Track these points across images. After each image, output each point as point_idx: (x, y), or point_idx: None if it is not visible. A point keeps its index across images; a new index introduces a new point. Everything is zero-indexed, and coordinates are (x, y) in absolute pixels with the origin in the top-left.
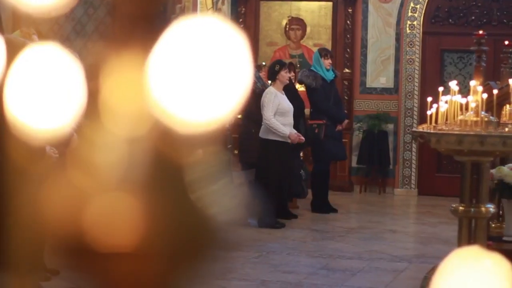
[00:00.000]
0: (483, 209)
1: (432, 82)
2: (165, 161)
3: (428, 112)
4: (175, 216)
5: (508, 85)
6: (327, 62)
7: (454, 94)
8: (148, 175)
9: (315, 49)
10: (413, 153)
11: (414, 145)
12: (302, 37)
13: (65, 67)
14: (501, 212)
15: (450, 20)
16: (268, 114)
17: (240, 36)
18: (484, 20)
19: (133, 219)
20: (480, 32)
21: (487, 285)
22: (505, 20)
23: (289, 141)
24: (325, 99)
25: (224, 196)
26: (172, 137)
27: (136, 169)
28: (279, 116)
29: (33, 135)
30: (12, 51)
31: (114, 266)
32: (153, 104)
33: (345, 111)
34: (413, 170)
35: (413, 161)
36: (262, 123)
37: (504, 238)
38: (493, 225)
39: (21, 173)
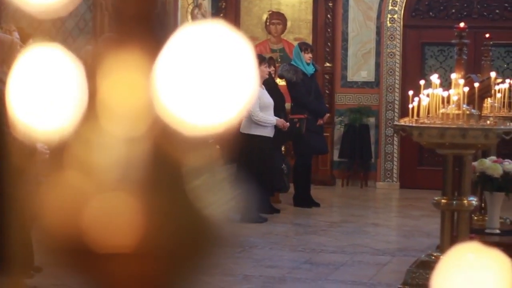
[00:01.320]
0: (465, 202)
1: (413, 76)
2: (163, 161)
3: (410, 106)
4: (174, 216)
5: (489, 77)
6: (307, 56)
7: (436, 88)
8: (147, 175)
9: (295, 43)
10: (395, 147)
11: (395, 139)
12: (282, 31)
13: (65, 68)
14: (483, 204)
15: (431, 13)
16: (255, 108)
17: (245, 41)
18: (465, 13)
19: (132, 219)
20: (461, 25)
21: (487, 280)
22: (485, 13)
23: (272, 135)
24: (305, 93)
25: (220, 194)
26: (172, 136)
27: (134, 169)
28: (260, 111)
29: (33, 136)
30: (1, 47)
31: (113, 266)
32: (158, 107)
33: (326, 105)
34: (395, 163)
35: (395, 155)
36: (245, 118)
37: (487, 231)
38: (475, 218)
39: (17, 172)
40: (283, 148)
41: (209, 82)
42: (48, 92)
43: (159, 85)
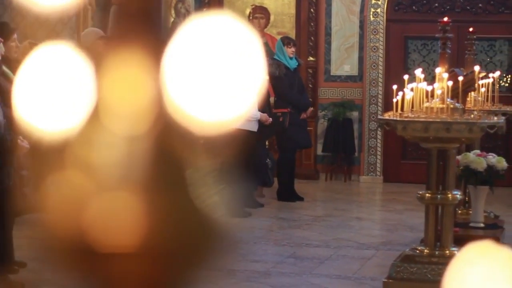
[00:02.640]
0: (449, 195)
1: (396, 69)
2: (165, 160)
3: (394, 100)
4: (175, 215)
5: (473, 71)
6: (290, 50)
7: (420, 82)
8: (148, 174)
9: (279, 38)
10: (378, 141)
11: (379, 133)
12: (266, 25)
13: (74, 67)
14: (467, 198)
15: (414, 7)
16: None
17: (254, 36)
18: (448, 7)
19: (133, 219)
20: (445, 19)
21: (500, 280)
22: (468, 7)
23: (255, 129)
24: (288, 88)
25: (222, 194)
26: (174, 135)
27: (136, 168)
28: None
29: (36, 135)
30: None
31: (115, 266)
32: (167, 104)
33: (310, 99)
34: (378, 157)
35: (378, 148)
36: None
37: (471, 225)
38: (459, 212)
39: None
40: (267, 143)
41: (217, 77)
42: (54, 92)
43: (167, 81)
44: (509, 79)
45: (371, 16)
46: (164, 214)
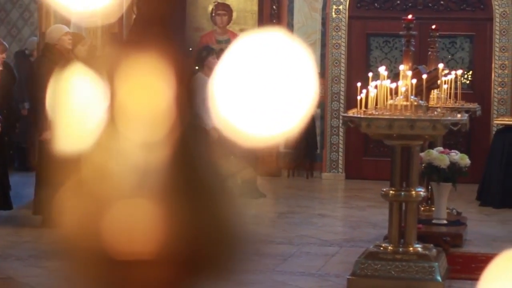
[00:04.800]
0: (413, 192)
1: (358, 66)
2: (182, 167)
3: (358, 97)
4: (192, 222)
5: (436, 69)
6: None
7: (384, 79)
8: (165, 181)
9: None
10: (340, 137)
11: (341, 129)
12: (228, 22)
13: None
14: (429, 195)
15: (376, 5)
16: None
17: (305, 51)
18: (410, 4)
19: (152, 226)
20: (409, 16)
21: None
22: (430, 4)
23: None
24: None
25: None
26: (190, 142)
27: (153, 175)
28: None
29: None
30: None
31: (132, 273)
32: (217, 117)
33: None
34: (340, 154)
35: (340, 145)
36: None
37: (434, 221)
38: (422, 208)
39: None
40: None
41: (267, 92)
42: (73, 99)
43: (217, 95)
44: (470, 76)
45: (333, 13)
46: (181, 221)
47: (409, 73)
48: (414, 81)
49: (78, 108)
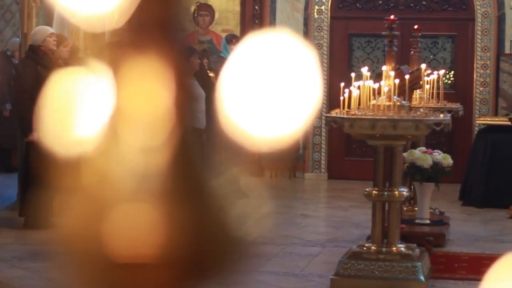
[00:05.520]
0: (396, 192)
1: (340, 67)
2: (182, 171)
3: (341, 98)
4: (192, 226)
5: (419, 69)
6: (234, 48)
7: (366, 79)
8: (165, 185)
9: (223, 35)
10: (323, 138)
11: (323, 130)
12: (210, 23)
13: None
14: (412, 195)
15: (358, 5)
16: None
17: (311, 53)
18: (391, 5)
19: (152, 229)
20: (392, 17)
21: None
22: (412, 4)
23: (203, 126)
24: None
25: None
26: (190, 146)
27: (152, 179)
28: None
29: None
30: None
31: (134, 276)
32: (225, 121)
33: None
34: (323, 154)
35: (323, 146)
36: None
37: (417, 221)
38: (405, 208)
39: None
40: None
41: (273, 94)
42: (73, 102)
43: (225, 98)
44: (452, 76)
45: (315, 13)
46: (181, 225)
47: (392, 73)
48: (397, 81)
49: (78, 110)
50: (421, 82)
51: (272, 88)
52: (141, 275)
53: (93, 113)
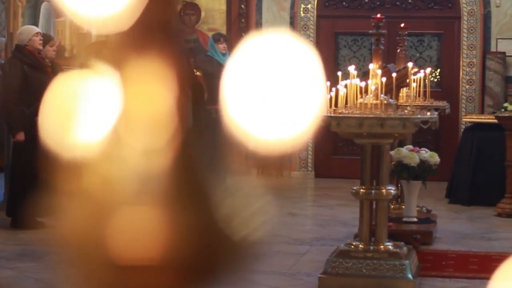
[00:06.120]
0: (384, 191)
1: (327, 65)
2: (184, 173)
3: (328, 96)
4: (195, 228)
5: (406, 67)
6: (222, 46)
7: (353, 78)
8: (167, 188)
9: (209, 34)
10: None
11: None
12: (197, 22)
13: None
14: (399, 193)
15: (344, 3)
16: None
17: (313, 55)
18: (378, 3)
19: (154, 232)
20: (378, 15)
21: None
22: (398, 3)
23: (189, 125)
24: (221, 84)
25: (251, 212)
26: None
27: (155, 182)
28: None
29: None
30: None
31: (136, 279)
32: (230, 123)
33: None
34: (310, 153)
35: (309, 144)
36: None
37: (404, 219)
38: (392, 207)
39: None
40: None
41: (276, 95)
42: (78, 104)
43: (229, 100)
44: (438, 74)
45: (302, 12)
46: (184, 227)
47: (379, 71)
48: (384, 79)
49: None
50: (407, 80)
51: (277, 90)
52: (143, 277)
53: (98, 117)
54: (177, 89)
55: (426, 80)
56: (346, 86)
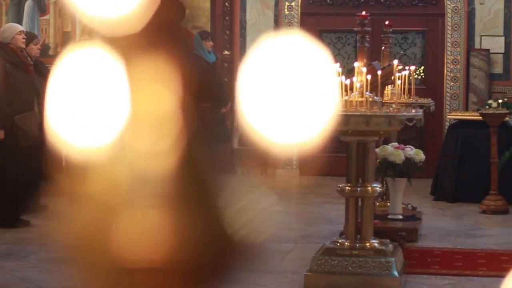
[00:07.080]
0: (369, 188)
1: None
2: (189, 176)
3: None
4: (200, 231)
5: (390, 64)
6: (209, 44)
7: (338, 75)
8: (172, 190)
9: (194, 31)
10: None
11: None
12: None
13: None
14: (385, 190)
15: (328, 1)
16: None
17: (325, 55)
18: (362, 0)
19: (159, 234)
20: (363, 13)
21: None
22: (382, 0)
23: None
24: (209, 82)
25: (253, 213)
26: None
27: (159, 184)
28: None
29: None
30: None
31: (142, 281)
32: (244, 125)
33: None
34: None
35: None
36: None
37: (390, 216)
38: (378, 204)
39: None
40: None
41: (290, 97)
42: (85, 108)
43: (243, 102)
44: (422, 71)
45: (286, 9)
46: (189, 229)
47: (364, 69)
48: (369, 77)
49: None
50: (392, 78)
51: (290, 92)
52: (148, 279)
53: (104, 119)
54: (182, 91)
55: (411, 78)
56: None
